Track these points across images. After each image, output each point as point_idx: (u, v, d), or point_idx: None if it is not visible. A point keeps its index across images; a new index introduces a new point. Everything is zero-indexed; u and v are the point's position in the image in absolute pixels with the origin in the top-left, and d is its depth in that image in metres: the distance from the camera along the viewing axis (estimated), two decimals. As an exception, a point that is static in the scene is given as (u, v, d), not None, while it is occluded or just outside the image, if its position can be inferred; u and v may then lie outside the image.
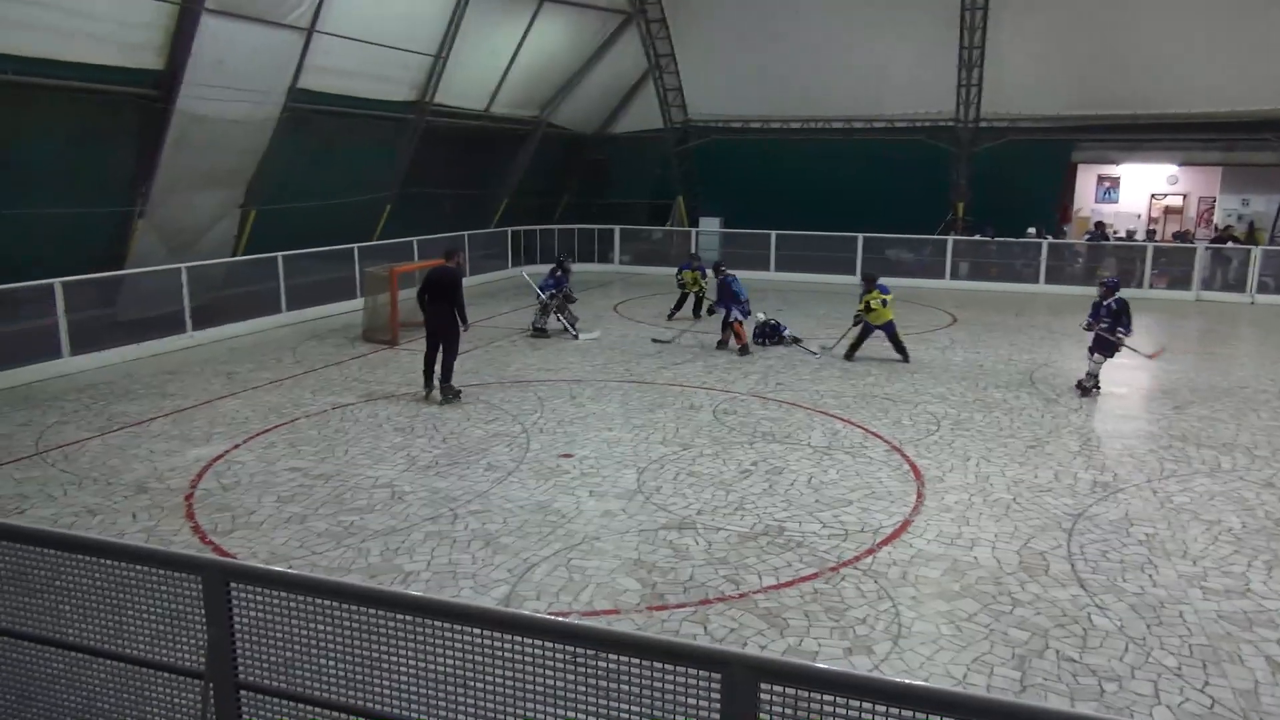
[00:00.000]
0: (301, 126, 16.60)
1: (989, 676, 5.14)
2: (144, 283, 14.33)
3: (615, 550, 6.76)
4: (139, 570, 3.38)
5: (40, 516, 7.36)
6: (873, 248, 22.58)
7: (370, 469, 8.54)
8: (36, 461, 8.73)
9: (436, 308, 10.80)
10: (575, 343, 14.70)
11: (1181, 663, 5.28)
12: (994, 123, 22.87)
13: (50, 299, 12.07)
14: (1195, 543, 6.95)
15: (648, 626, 5.65)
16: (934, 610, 5.87)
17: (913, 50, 22.32)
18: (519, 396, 11.26)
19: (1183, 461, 8.91)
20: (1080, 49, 21.05)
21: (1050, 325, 16.94)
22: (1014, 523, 7.31)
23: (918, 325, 16.66)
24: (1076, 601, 5.99)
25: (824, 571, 6.42)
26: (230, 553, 6.67)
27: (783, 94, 23.91)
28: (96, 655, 3.51)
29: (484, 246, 22.82)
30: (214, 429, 9.83)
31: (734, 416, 10.43)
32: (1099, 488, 8.14)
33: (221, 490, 7.99)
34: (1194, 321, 17.73)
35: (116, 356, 12.98)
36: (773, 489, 8.05)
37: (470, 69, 20.53)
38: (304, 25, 15.38)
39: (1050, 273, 21.66)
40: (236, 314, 15.31)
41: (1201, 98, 20.79)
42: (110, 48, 13.12)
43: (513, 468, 8.58)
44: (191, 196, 15.25)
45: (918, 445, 9.35)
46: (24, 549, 3.55)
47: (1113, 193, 26.23)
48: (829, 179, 23.86)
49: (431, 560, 6.60)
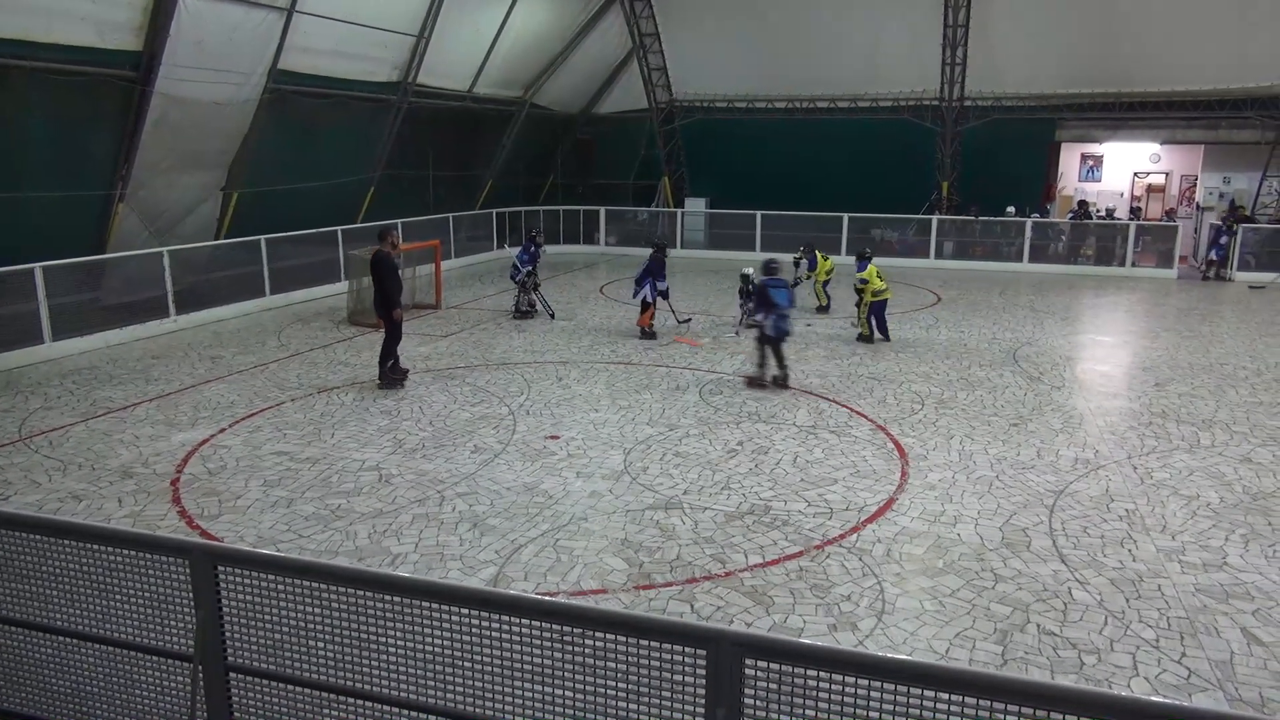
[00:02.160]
0: (283, 108, 16.43)
1: (971, 651, 5.22)
2: (126, 267, 14.20)
3: (602, 531, 6.80)
4: (126, 555, 3.39)
5: (26, 503, 7.33)
6: (858, 227, 22.63)
7: (357, 452, 8.55)
8: (20, 448, 8.69)
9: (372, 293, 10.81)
10: (562, 324, 14.69)
11: (1159, 635, 5.37)
12: (978, 101, 22.90)
13: (31, 284, 11.96)
14: (1174, 518, 7.06)
15: (635, 606, 5.70)
16: (917, 586, 5.95)
17: (898, 29, 22.29)
18: (505, 379, 11.26)
19: (1163, 438, 9.02)
20: (1064, 28, 21.11)
21: (1034, 304, 17.05)
22: (996, 500, 7.40)
23: (903, 305, 16.73)
24: (1058, 576, 6.08)
25: (809, 549, 6.49)
26: (217, 537, 6.68)
27: (768, 74, 23.86)
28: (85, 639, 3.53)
29: (469, 229, 22.72)
30: (199, 413, 9.80)
31: (720, 397, 10.47)
32: (1080, 464, 8.23)
33: (208, 475, 7.98)
34: (1175, 299, 17.88)
35: (100, 341, 12.90)
36: (758, 468, 8.11)
37: (453, 49, 20.34)
38: (284, 5, 15.19)
39: (1034, 251, 21.79)
40: (220, 298, 15.23)
41: (1184, 76, 20.89)
42: (88, 28, 12.92)
43: (499, 450, 8.60)
44: (173, 179, 15.10)
45: (902, 424, 9.42)
46: (10, 535, 3.55)
47: (1096, 171, 26.32)
48: (815, 159, 23.87)
49: (419, 542, 6.63)
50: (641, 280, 13.62)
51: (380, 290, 10.66)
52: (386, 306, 10.65)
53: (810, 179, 23.52)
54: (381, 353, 10.83)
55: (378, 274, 10.62)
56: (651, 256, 13.78)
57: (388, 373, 10.80)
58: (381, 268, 10.59)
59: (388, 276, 10.60)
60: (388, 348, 10.78)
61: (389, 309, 10.64)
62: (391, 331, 10.75)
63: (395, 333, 10.78)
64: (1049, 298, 17.82)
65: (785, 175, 23.93)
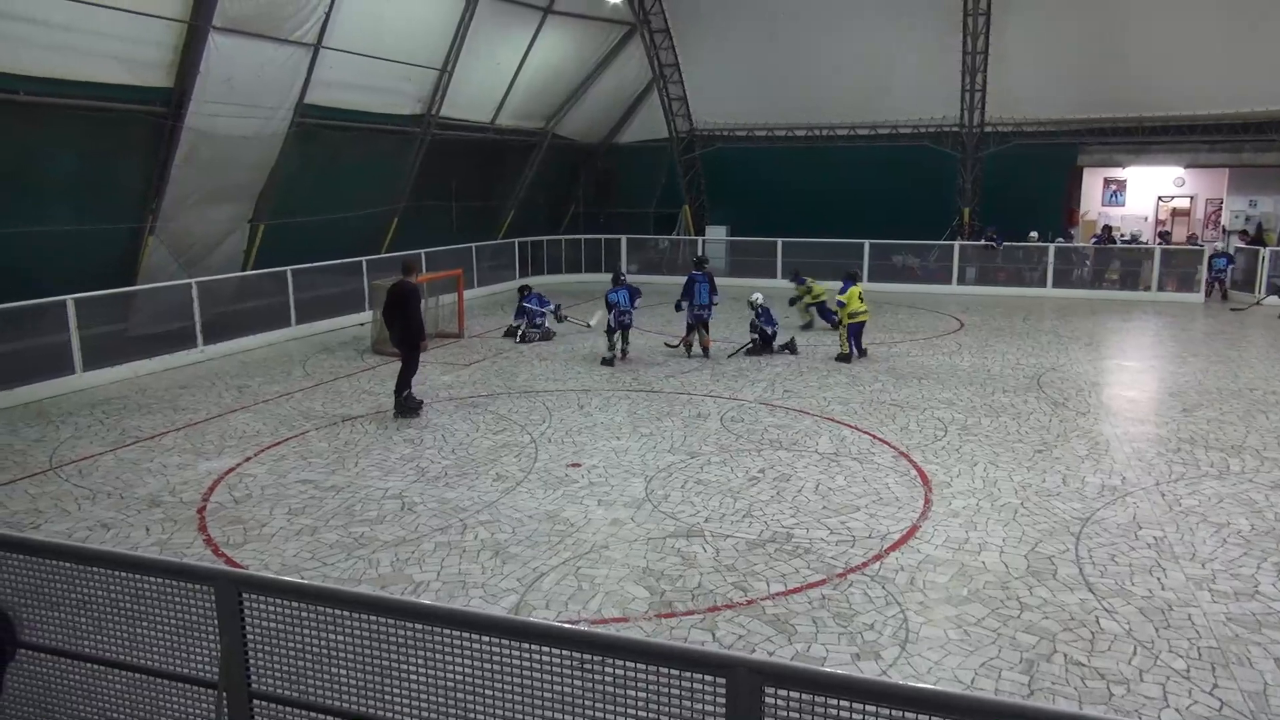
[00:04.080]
0: (309, 141, 16.74)
1: (997, 680, 5.15)
2: (155, 298, 14.45)
3: (624, 558, 6.79)
4: (153, 582, 3.43)
5: (55, 531, 7.43)
6: (879, 253, 22.60)
7: (380, 480, 8.60)
8: (51, 476, 8.82)
9: (394, 323, 10.82)
10: (582, 352, 14.75)
11: (1190, 665, 5.28)
12: (999, 127, 22.91)
13: (63, 315, 12.19)
14: (1204, 545, 6.95)
15: (657, 634, 5.67)
16: (942, 615, 5.88)
17: (916, 56, 22.37)
18: (527, 406, 11.31)
19: (1191, 464, 8.90)
20: (1084, 52, 21.09)
21: (1058, 329, 16.92)
22: (1022, 527, 7.32)
23: (924, 331, 16.68)
24: (1085, 605, 6.00)
25: (832, 577, 6.44)
26: (242, 565, 6.73)
27: (787, 102, 23.99)
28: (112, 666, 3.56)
29: (491, 258, 22.91)
30: (225, 442, 9.91)
31: (741, 424, 10.46)
32: (1107, 491, 8.14)
33: (233, 503, 8.05)
34: (1201, 324, 17.68)
35: (129, 371, 13.10)
36: (780, 496, 8.08)
37: (476, 82, 20.67)
38: (310, 41, 15.53)
39: (1058, 276, 21.65)
40: (247, 328, 15.43)
41: (1208, 99, 20.79)
42: (120, 66, 13.28)
43: (521, 478, 8.63)
44: (201, 212, 15.39)
45: (925, 451, 9.36)
46: (41, 562, 3.60)
47: (1119, 196, 26.20)
48: (835, 186, 23.91)
49: (441, 570, 6.65)
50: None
51: (407, 321, 10.69)
52: (412, 337, 10.71)
53: (831, 206, 23.55)
54: (398, 383, 10.89)
55: (408, 305, 10.68)
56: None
57: (403, 402, 10.86)
58: (413, 300, 10.73)
59: (418, 307, 10.73)
60: (404, 378, 10.85)
61: (415, 340, 10.72)
62: (411, 362, 10.83)
63: (414, 363, 10.86)
64: (1073, 322, 17.67)
65: (806, 202, 23.96)
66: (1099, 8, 20.53)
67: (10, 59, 12.05)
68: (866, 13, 22.01)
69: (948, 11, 21.27)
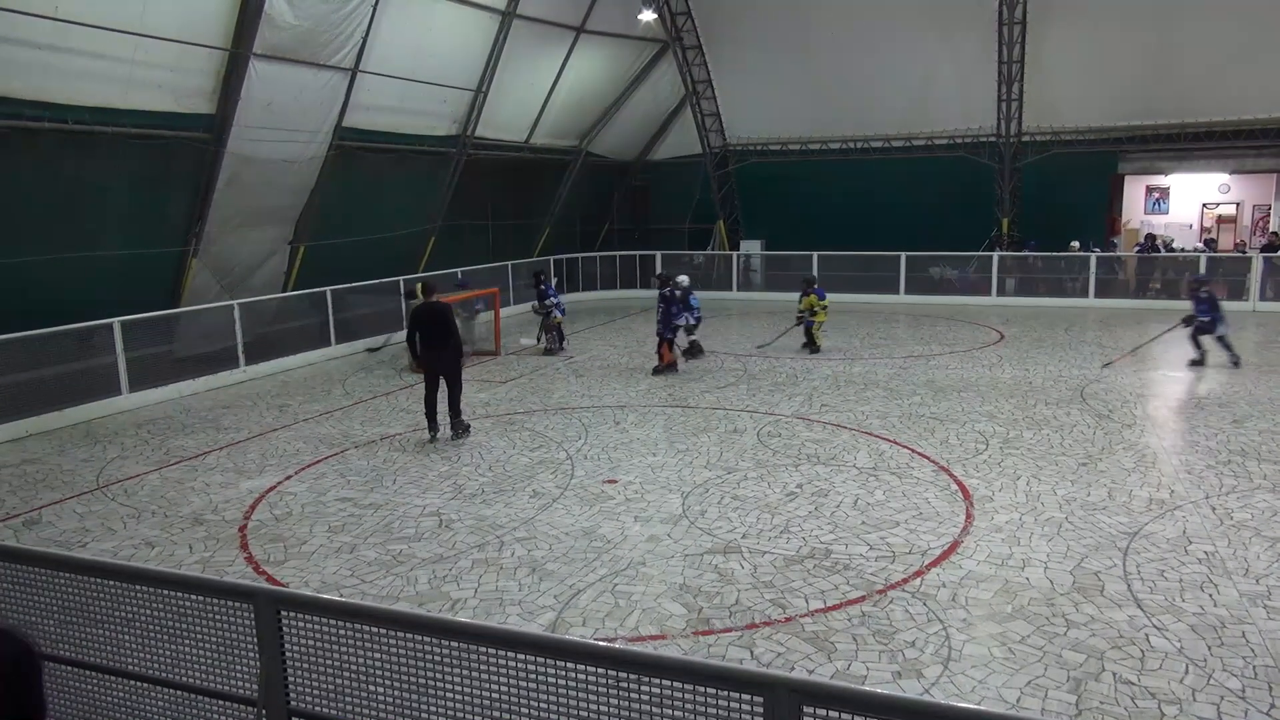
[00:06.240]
0: (347, 163, 17.02)
1: (1043, 700, 5.03)
2: (199, 320, 14.75)
3: (661, 575, 6.76)
4: (194, 600, 3.48)
5: (102, 549, 7.57)
6: (916, 265, 22.41)
7: (418, 498, 8.66)
8: (98, 495, 9.00)
9: (434, 345, 10.41)
10: (605, 366, 14.76)
11: (1245, 685, 5.12)
12: (1037, 136, 22.65)
13: (110, 338, 12.47)
14: (1258, 560, 6.75)
15: (694, 651, 5.63)
16: (985, 633, 5.77)
17: (951, 67, 22.24)
18: (563, 423, 11.33)
19: (1243, 477, 8.67)
20: (1122, 58, 20.80)
21: (1101, 340, 16.62)
22: (1066, 542, 7.17)
23: (964, 343, 16.47)
24: (1134, 622, 5.85)
25: (872, 594, 6.35)
26: (282, 582, 6.80)
27: (821, 115, 23.93)
28: (155, 683, 3.61)
29: (527, 276, 23.03)
30: (267, 461, 10.04)
31: (778, 439, 10.39)
32: (1155, 505, 7.95)
33: (274, 521, 8.15)
34: (1252, 333, 17.27)
35: (173, 392, 13.35)
36: (818, 511, 7.99)
37: (510, 102, 20.91)
38: (348, 66, 15.82)
39: (1100, 286, 21.29)
40: (288, 348, 15.65)
41: (1251, 104, 20.40)
42: (164, 94, 13.61)
43: (558, 494, 8.63)
44: (243, 235, 15.70)
45: (966, 464, 9.22)
46: (87, 580, 3.67)
47: (1162, 203, 25.75)
48: (871, 198, 23.79)
49: (479, 587, 6.66)
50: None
51: (451, 336, 10.42)
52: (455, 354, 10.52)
53: (866, 218, 23.42)
54: (454, 402, 10.63)
55: (449, 322, 10.46)
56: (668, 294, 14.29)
57: (461, 421, 10.73)
58: (451, 316, 10.58)
59: (452, 323, 10.54)
60: (455, 398, 10.63)
61: (457, 354, 10.54)
62: (460, 381, 10.66)
63: (460, 381, 10.75)
64: (1117, 333, 17.36)
65: (841, 215, 23.86)
66: (1137, 15, 20.24)
67: (68, 91, 12.44)
68: (900, 25, 21.91)
69: (983, 21, 21.12)
